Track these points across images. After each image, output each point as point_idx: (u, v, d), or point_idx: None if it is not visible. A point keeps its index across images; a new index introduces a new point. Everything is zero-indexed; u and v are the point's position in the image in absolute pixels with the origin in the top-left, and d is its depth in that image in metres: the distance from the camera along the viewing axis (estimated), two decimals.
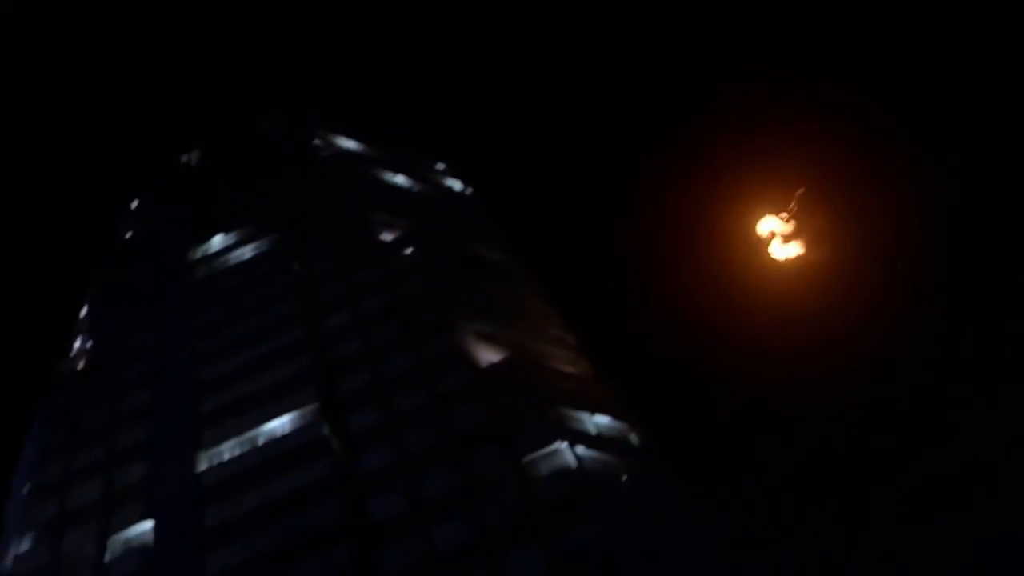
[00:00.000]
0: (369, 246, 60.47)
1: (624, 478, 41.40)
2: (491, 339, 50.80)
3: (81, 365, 60.49)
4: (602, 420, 45.23)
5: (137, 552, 43.14)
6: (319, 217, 66.29)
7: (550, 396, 45.31)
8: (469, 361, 47.84)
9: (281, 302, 57.89)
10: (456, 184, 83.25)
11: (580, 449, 41.26)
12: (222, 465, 47.50)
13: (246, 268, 64.33)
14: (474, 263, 62.39)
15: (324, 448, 46.22)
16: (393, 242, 60.79)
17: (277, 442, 47.69)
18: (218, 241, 69.68)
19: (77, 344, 64.31)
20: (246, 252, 66.92)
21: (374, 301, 54.49)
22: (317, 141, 76.82)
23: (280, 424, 49.01)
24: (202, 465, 47.88)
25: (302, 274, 60.46)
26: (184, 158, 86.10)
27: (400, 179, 74.15)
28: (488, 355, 49.18)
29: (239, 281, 62.69)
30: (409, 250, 59.20)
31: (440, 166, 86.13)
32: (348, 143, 79.36)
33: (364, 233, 61.98)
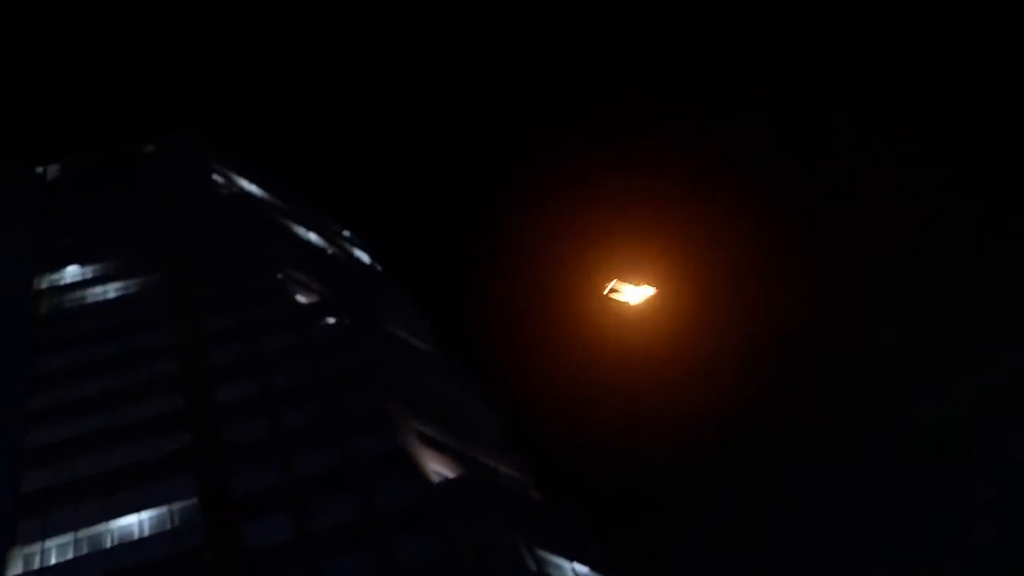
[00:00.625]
0: (278, 305, 48.73)
1: None
2: (436, 444, 40.09)
3: None
4: (582, 570, 35.07)
5: None
6: (212, 262, 53.88)
7: (519, 529, 34.86)
8: (414, 470, 36.80)
9: (155, 359, 44.93)
10: (364, 256, 72.66)
11: None
12: (43, 572, 33.90)
13: (108, 309, 50.74)
14: (401, 348, 51.60)
15: (197, 564, 33.75)
16: (309, 306, 49.36)
17: (129, 548, 35.08)
18: (72, 272, 55.68)
19: None
20: (109, 291, 53.39)
21: (286, 376, 42.61)
22: (216, 177, 64.60)
23: (136, 522, 36.33)
24: (15, 567, 34.11)
25: (186, 327, 47.71)
26: (40, 170, 71.07)
27: (312, 236, 62.88)
28: (435, 465, 38.37)
29: (96, 325, 49.08)
30: (330, 320, 47.93)
31: (347, 233, 75.50)
32: (252, 187, 67.54)
33: (272, 289, 50.25)
